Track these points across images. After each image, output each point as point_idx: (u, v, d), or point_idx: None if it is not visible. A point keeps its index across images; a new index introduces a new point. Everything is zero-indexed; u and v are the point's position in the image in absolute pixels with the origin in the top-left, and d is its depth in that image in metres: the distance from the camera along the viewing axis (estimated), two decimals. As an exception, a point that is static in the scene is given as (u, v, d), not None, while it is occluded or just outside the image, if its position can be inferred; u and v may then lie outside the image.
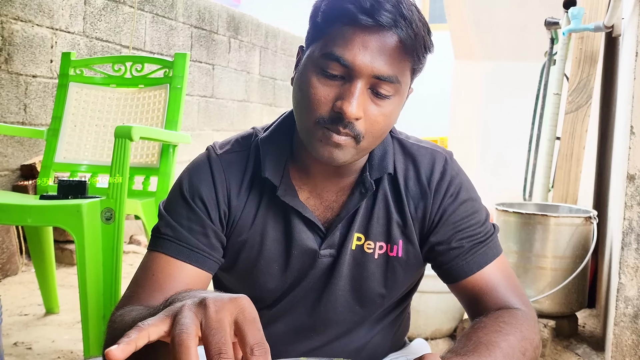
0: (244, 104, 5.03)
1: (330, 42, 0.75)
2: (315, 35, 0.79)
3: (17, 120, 2.94)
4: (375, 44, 0.73)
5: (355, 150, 0.78)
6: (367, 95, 0.76)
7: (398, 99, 0.78)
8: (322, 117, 0.76)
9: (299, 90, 0.79)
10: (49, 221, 1.64)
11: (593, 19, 2.52)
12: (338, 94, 0.75)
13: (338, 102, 0.74)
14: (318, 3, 0.80)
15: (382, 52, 0.74)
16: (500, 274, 0.88)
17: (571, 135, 2.49)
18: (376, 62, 0.73)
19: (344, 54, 0.74)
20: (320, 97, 0.76)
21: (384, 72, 0.74)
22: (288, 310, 0.90)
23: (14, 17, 2.87)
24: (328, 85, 0.76)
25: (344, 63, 0.74)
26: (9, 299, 2.38)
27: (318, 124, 0.76)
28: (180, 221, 0.85)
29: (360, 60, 0.73)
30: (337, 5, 0.75)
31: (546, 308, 2.10)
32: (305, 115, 0.78)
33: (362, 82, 0.74)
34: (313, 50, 0.78)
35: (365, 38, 0.73)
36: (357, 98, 0.74)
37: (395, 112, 0.79)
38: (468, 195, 0.90)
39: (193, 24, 4.26)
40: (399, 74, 0.76)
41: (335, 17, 0.75)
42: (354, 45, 0.73)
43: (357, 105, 0.74)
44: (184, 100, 2.08)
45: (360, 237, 0.87)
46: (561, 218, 2.07)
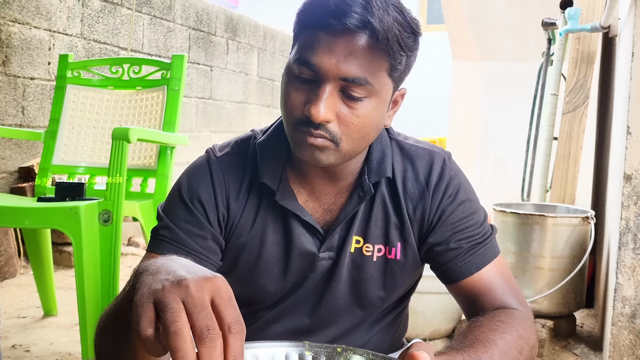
0: (242, 106, 5.03)
1: (301, 48, 0.76)
2: (294, 41, 0.81)
3: (15, 123, 2.94)
4: (342, 47, 0.73)
5: (338, 152, 0.78)
6: (338, 97, 0.75)
7: (374, 100, 0.77)
8: (297, 120, 0.77)
9: (281, 97, 0.81)
10: (47, 223, 1.64)
11: (590, 20, 2.52)
12: (307, 97, 0.76)
13: (306, 106, 0.75)
14: (298, 10, 0.81)
15: (350, 55, 0.73)
16: (498, 274, 0.88)
17: (568, 136, 2.49)
18: (342, 65, 0.73)
19: (312, 58, 0.74)
20: (293, 101, 0.77)
21: (350, 74, 0.73)
22: (287, 313, 0.91)
23: (11, 19, 2.87)
24: (300, 89, 0.77)
25: (311, 67, 0.74)
26: (7, 301, 2.38)
27: (295, 128, 0.78)
28: (179, 223, 0.85)
29: (326, 63, 0.73)
30: (308, 12, 0.77)
31: (544, 308, 2.10)
32: (285, 120, 0.80)
33: (330, 85, 0.74)
34: (290, 57, 0.79)
35: (332, 41, 0.73)
36: (324, 101, 0.74)
37: (372, 113, 0.77)
38: (466, 195, 0.90)
39: (191, 26, 4.26)
40: (369, 75, 0.74)
41: (307, 24, 0.77)
42: (320, 49, 0.74)
43: (324, 108, 0.74)
44: (182, 101, 2.09)
45: (359, 240, 0.88)
46: (559, 218, 2.07)
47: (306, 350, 0.64)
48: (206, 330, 0.48)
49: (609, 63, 2.64)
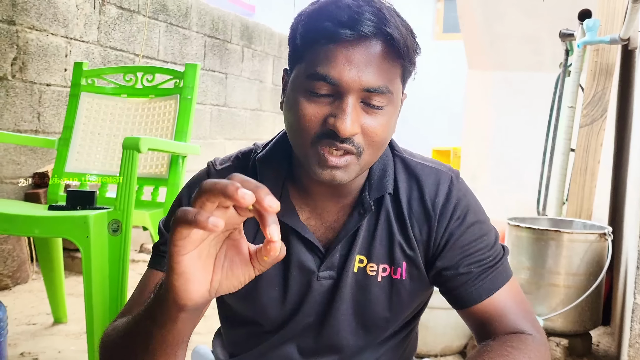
0: (256, 113, 5.03)
1: (313, 62, 0.73)
2: (296, 57, 0.77)
3: (30, 129, 2.96)
4: (360, 57, 0.71)
5: (358, 166, 0.76)
6: (360, 109, 0.74)
7: (392, 108, 0.76)
8: (316, 134, 0.74)
9: (289, 114, 0.77)
10: (56, 232, 1.64)
11: (609, 31, 2.48)
12: (329, 111, 0.73)
13: (330, 120, 0.72)
14: (295, 25, 0.78)
15: (368, 64, 0.71)
16: (510, 299, 0.85)
17: (586, 149, 2.45)
18: (364, 75, 0.71)
19: (329, 71, 0.71)
20: (310, 116, 0.74)
21: (373, 84, 0.72)
22: (292, 335, 0.88)
23: (29, 26, 2.90)
24: (317, 103, 0.74)
25: (331, 81, 0.72)
26: (18, 307, 2.39)
27: (313, 145, 0.74)
28: None
29: (347, 75, 0.71)
30: (315, 24, 0.73)
31: (559, 326, 2.05)
32: (299, 137, 0.76)
33: (353, 97, 0.72)
34: (297, 72, 0.76)
35: (348, 52, 0.71)
36: (350, 114, 0.71)
37: (391, 121, 0.76)
38: (476, 217, 0.87)
39: (207, 33, 4.28)
40: (388, 83, 0.73)
41: (314, 37, 0.73)
42: (338, 61, 0.71)
43: (350, 121, 0.71)
44: (194, 110, 2.08)
45: (363, 259, 0.85)
46: (575, 234, 2.03)
47: None
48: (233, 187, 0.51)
49: (628, 76, 2.59)
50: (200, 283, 0.58)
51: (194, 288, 0.57)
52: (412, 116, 6.41)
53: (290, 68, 0.80)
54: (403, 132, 0.91)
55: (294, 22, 0.78)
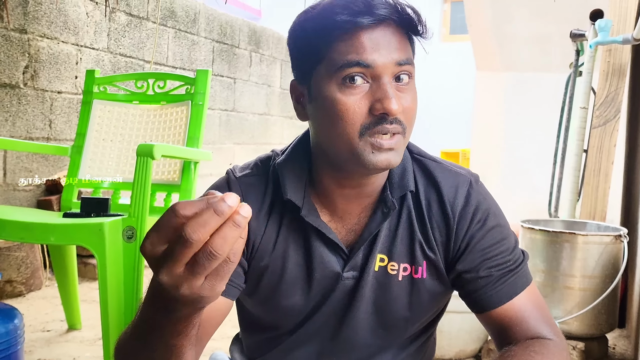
0: (264, 117, 5.04)
1: (340, 55, 0.75)
2: (314, 59, 0.78)
3: (42, 136, 2.98)
4: (384, 38, 0.75)
5: (404, 145, 0.79)
6: (394, 87, 0.76)
7: (413, 82, 0.79)
8: (364, 125, 0.75)
9: (325, 116, 0.77)
10: (72, 240, 1.65)
11: (621, 31, 2.46)
12: (370, 97, 0.75)
13: (377, 105, 0.74)
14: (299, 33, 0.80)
15: (391, 42, 0.75)
16: (530, 303, 0.85)
17: (599, 150, 2.43)
18: (392, 53, 0.75)
19: (361, 57, 0.74)
20: (354, 108, 0.75)
21: (402, 58, 0.76)
22: (310, 336, 0.89)
23: (40, 34, 2.92)
24: (355, 94, 0.75)
25: (365, 64, 0.74)
26: (32, 314, 2.40)
27: (362, 136, 0.75)
28: None
29: (379, 57, 0.74)
30: (330, 21, 0.75)
31: (575, 329, 2.03)
32: (344, 134, 0.75)
33: (387, 77, 0.75)
34: (320, 73, 0.77)
35: (372, 36, 0.74)
36: (393, 94, 0.74)
37: (416, 96, 0.79)
38: (496, 221, 0.86)
39: (215, 39, 4.30)
40: (410, 55, 0.78)
41: (332, 32, 0.75)
42: (366, 46, 0.74)
43: (396, 100, 0.74)
44: (206, 116, 2.09)
45: (384, 258, 0.85)
46: (589, 236, 2.01)
47: None
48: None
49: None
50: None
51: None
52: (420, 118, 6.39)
53: (303, 77, 0.80)
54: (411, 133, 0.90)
55: (297, 31, 0.79)
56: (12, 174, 2.84)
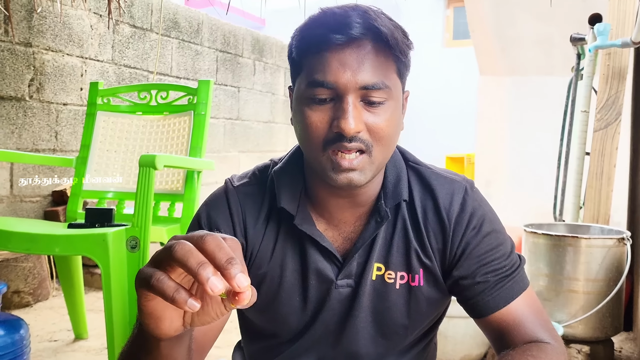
0: (269, 125, 5.07)
1: (311, 71, 0.77)
2: (296, 71, 0.81)
3: (48, 148, 3.02)
4: (353, 58, 0.74)
5: (372, 165, 0.78)
6: (361, 107, 0.76)
7: (393, 102, 0.78)
8: (325, 140, 0.76)
9: (298, 125, 0.80)
10: (76, 250, 1.67)
11: (620, 35, 2.46)
12: (332, 115, 0.76)
13: (335, 122, 0.75)
14: (290, 42, 0.82)
15: (361, 63, 0.74)
16: (527, 308, 0.85)
17: (601, 153, 2.43)
18: (358, 74, 0.74)
19: (326, 77, 0.75)
20: (316, 123, 0.76)
21: (368, 82, 0.75)
22: (311, 345, 0.89)
23: (45, 47, 2.96)
24: (320, 110, 0.76)
25: (328, 85, 0.75)
26: (39, 324, 2.42)
27: (324, 150, 0.77)
28: None
29: (343, 77, 0.74)
30: (308, 35, 0.78)
31: (580, 333, 2.03)
32: (310, 146, 0.79)
33: (352, 97, 0.75)
34: (298, 85, 0.80)
35: (340, 55, 0.75)
36: (351, 113, 0.74)
37: (394, 117, 0.78)
38: (491, 227, 0.87)
39: (218, 48, 4.33)
40: (384, 78, 0.76)
41: (308, 47, 0.77)
42: (332, 65, 0.75)
43: (353, 119, 0.74)
44: (208, 126, 2.11)
45: (381, 267, 0.86)
46: (592, 240, 2.01)
47: None
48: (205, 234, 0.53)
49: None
50: (171, 320, 0.58)
51: (165, 325, 0.58)
52: (424, 124, 6.40)
53: (292, 83, 0.83)
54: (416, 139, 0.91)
55: (291, 39, 0.82)
56: (19, 186, 2.87)
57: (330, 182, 0.78)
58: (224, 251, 0.51)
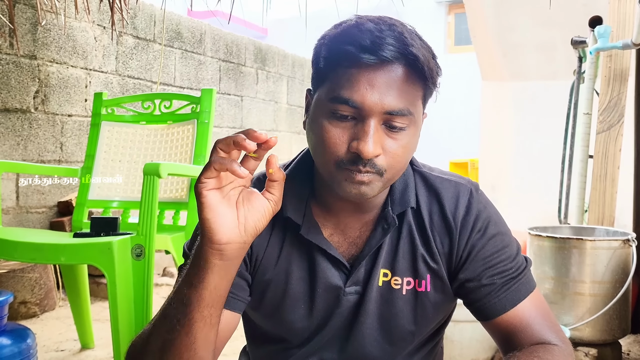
0: (272, 134, 5.08)
1: (336, 86, 0.75)
2: (320, 79, 0.79)
3: (54, 158, 3.04)
4: (382, 81, 0.73)
5: (381, 183, 0.77)
6: (382, 131, 0.75)
7: (413, 129, 0.77)
8: (341, 159, 0.75)
9: (313, 135, 0.78)
10: (82, 259, 1.68)
11: (621, 37, 2.47)
12: (352, 134, 0.75)
13: (354, 143, 0.74)
14: (318, 48, 0.80)
15: (390, 88, 0.73)
16: (534, 310, 0.85)
17: (604, 155, 2.42)
18: (385, 98, 0.73)
19: (352, 95, 0.73)
20: (335, 140, 0.75)
21: (394, 107, 0.73)
22: (317, 350, 0.89)
23: (49, 59, 2.99)
24: (340, 127, 0.75)
25: (353, 105, 0.73)
26: (46, 334, 2.43)
27: (338, 167, 0.76)
28: None
29: (369, 99, 0.73)
30: (338, 48, 0.75)
31: (587, 335, 2.02)
32: (323, 159, 0.77)
33: (375, 120, 0.74)
34: (320, 94, 0.78)
35: (370, 76, 0.73)
36: (372, 137, 0.73)
37: (412, 142, 0.78)
38: (497, 229, 0.87)
39: (221, 58, 4.36)
40: (410, 105, 0.75)
41: (337, 61, 0.75)
42: (360, 85, 0.73)
43: (373, 143, 0.73)
44: (212, 134, 2.12)
45: (387, 273, 0.86)
46: (598, 242, 2.00)
47: None
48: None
49: (643, 79, 2.57)
50: (228, 216, 0.68)
51: (224, 221, 0.68)
52: (428, 129, 6.39)
53: (313, 89, 0.82)
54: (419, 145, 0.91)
55: (317, 44, 0.80)
56: (25, 197, 2.89)
57: (340, 193, 0.78)
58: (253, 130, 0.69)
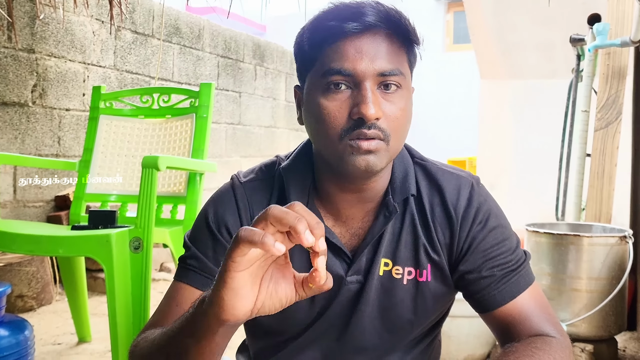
0: (270, 130, 5.08)
1: (326, 61, 0.77)
2: (308, 64, 0.81)
3: (51, 153, 3.03)
4: (369, 45, 0.76)
5: (388, 152, 0.78)
6: (378, 94, 0.77)
7: (406, 92, 0.80)
8: (344, 129, 0.77)
9: (312, 118, 0.80)
10: (80, 251, 1.68)
11: (619, 34, 2.48)
12: (351, 103, 0.77)
13: (355, 109, 0.76)
14: (299, 37, 0.82)
15: (378, 50, 0.76)
16: (533, 302, 0.86)
17: (602, 153, 2.43)
18: (376, 61, 0.76)
19: (343, 65, 0.76)
20: (335, 112, 0.77)
21: (386, 68, 0.76)
22: (316, 339, 0.90)
23: (47, 53, 2.98)
24: (337, 99, 0.77)
25: (346, 73, 0.76)
26: (43, 328, 2.42)
27: (342, 139, 0.77)
28: (206, 252, 0.85)
29: (361, 64, 0.76)
30: (321, 27, 0.78)
31: (583, 332, 2.02)
32: (326, 136, 0.78)
33: (370, 83, 0.76)
34: (311, 78, 0.80)
35: (357, 43, 0.76)
36: (371, 98, 0.75)
37: (407, 106, 0.80)
38: (497, 222, 0.88)
39: (219, 54, 4.35)
40: (399, 66, 0.78)
41: (322, 39, 0.78)
42: (349, 54, 0.76)
43: (374, 105, 0.75)
44: (210, 128, 2.12)
45: (388, 262, 0.86)
46: (594, 238, 2.01)
47: None
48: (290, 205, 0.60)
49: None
50: (247, 299, 0.61)
51: (241, 304, 0.61)
52: (426, 127, 6.41)
53: (302, 80, 0.83)
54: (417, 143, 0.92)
55: (298, 37, 0.83)
56: (22, 191, 2.88)
57: (347, 168, 0.78)
58: (312, 215, 0.58)
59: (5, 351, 1.41)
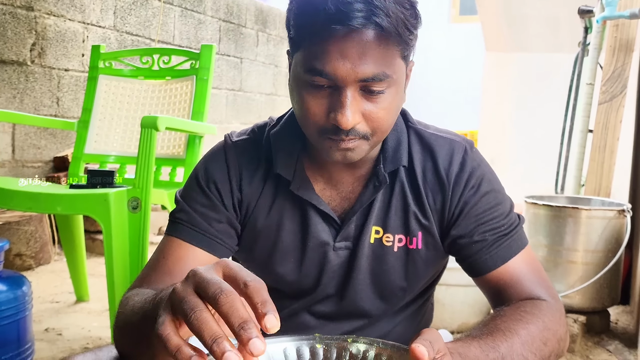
0: (271, 97, 5.04)
1: (309, 57, 0.72)
2: (294, 46, 0.77)
3: (50, 113, 3.01)
4: (353, 49, 0.70)
5: (368, 146, 0.77)
6: (360, 97, 0.73)
7: (394, 89, 0.75)
8: (322, 128, 0.75)
9: (295, 103, 0.78)
10: (78, 210, 1.68)
11: (628, 6, 2.43)
12: (330, 104, 0.73)
13: (332, 114, 0.73)
14: (288, 14, 0.77)
15: (362, 55, 0.70)
16: (525, 266, 0.86)
17: (604, 127, 2.41)
18: (359, 67, 0.70)
19: (324, 67, 0.71)
20: (314, 110, 0.74)
21: (369, 74, 0.71)
22: (312, 305, 0.90)
23: (47, 12, 2.93)
24: (318, 97, 0.74)
25: (327, 76, 0.71)
26: (41, 286, 2.44)
27: (321, 135, 0.76)
28: (195, 207, 0.86)
29: (342, 69, 0.70)
30: (305, 18, 0.72)
31: (577, 303, 2.05)
32: (307, 127, 0.77)
33: (350, 89, 0.72)
34: (296, 61, 0.76)
35: (341, 46, 0.70)
36: (349, 107, 0.71)
37: (394, 102, 0.76)
38: (490, 186, 0.87)
39: (221, 18, 4.29)
40: (386, 68, 0.72)
41: (307, 32, 0.72)
42: (331, 56, 0.70)
43: (351, 113, 0.71)
44: (210, 91, 2.10)
45: (379, 230, 0.86)
46: (593, 211, 2.01)
47: (317, 343, 0.63)
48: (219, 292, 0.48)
49: (649, 51, 2.54)
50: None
51: None
52: (429, 99, 6.37)
53: (291, 52, 0.80)
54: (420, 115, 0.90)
55: (288, 7, 0.77)
56: (21, 151, 2.87)
57: (327, 158, 0.78)
58: (237, 313, 0.48)
59: (3, 305, 1.42)
